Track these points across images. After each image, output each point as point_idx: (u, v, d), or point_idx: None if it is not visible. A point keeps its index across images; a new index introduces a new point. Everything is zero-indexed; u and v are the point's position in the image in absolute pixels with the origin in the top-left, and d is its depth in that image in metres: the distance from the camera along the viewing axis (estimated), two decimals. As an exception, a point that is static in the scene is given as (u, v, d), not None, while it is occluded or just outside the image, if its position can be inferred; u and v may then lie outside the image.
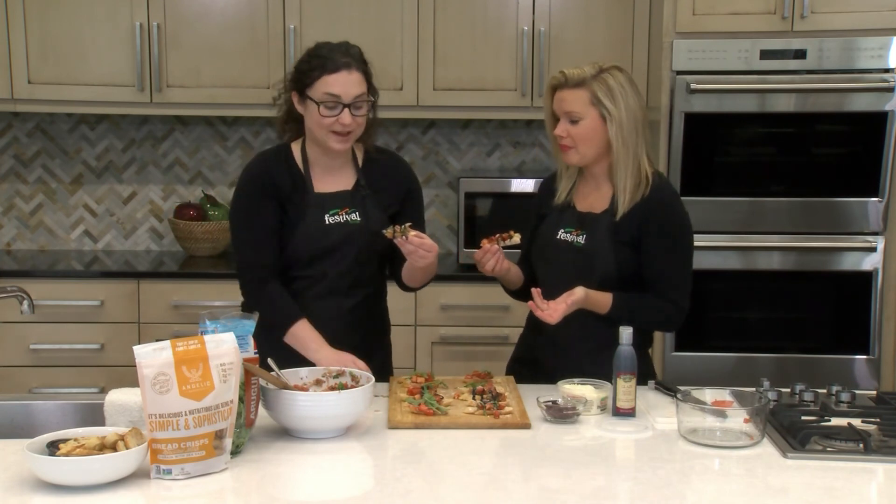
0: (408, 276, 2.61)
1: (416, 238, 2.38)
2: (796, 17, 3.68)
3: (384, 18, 4.01)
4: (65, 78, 4.02)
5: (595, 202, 2.58)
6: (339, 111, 2.45)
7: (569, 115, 2.50)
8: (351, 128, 2.47)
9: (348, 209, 2.56)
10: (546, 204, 2.66)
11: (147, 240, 4.47)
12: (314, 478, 1.97)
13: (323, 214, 2.54)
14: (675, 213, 2.56)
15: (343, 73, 2.45)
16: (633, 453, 2.12)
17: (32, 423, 2.35)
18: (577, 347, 2.55)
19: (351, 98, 2.45)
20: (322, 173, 2.58)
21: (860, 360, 3.79)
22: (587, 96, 2.48)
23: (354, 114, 2.46)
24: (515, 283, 2.65)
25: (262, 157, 2.65)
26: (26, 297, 2.53)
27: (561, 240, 2.58)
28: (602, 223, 2.54)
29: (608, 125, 2.48)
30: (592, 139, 2.50)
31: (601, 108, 2.48)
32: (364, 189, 2.59)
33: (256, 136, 4.41)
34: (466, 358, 3.82)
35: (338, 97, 2.44)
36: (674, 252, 2.54)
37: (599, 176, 2.59)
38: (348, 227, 2.55)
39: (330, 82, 2.45)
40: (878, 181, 3.71)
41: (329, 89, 2.44)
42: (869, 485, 1.95)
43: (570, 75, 2.50)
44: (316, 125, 2.49)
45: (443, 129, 4.43)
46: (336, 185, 2.59)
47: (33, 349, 3.87)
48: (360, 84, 2.48)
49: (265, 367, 2.14)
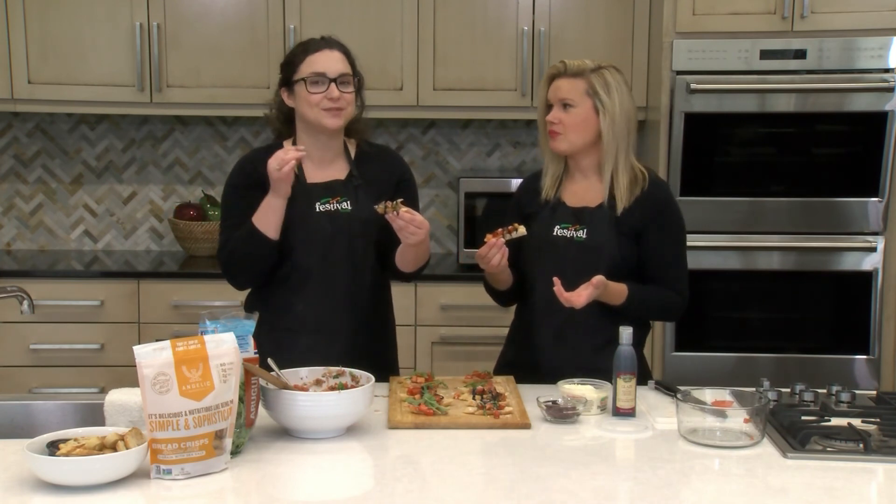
0: (400, 259, 2.61)
1: (407, 214, 2.39)
2: (796, 17, 3.68)
3: (384, 18, 4.01)
4: (65, 78, 4.02)
5: (587, 196, 2.60)
6: (326, 86, 2.51)
7: (563, 101, 2.55)
8: (341, 103, 2.52)
9: (339, 198, 2.58)
10: (531, 203, 2.67)
11: (147, 240, 4.48)
12: (314, 478, 1.97)
13: (313, 202, 2.57)
14: (676, 207, 2.65)
15: (325, 51, 2.55)
16: (633, 453, 2.12)
17: (32, 423, 2.35)
18: (582, 344, 2.56)
19: (336, 73, 2.52)
20: (314, 166, 2.60)
21: (860, 360, 3.79)
22: (584, 86, 2.54)
23: (342, 90, 2.52)
24: (506, 282, 2.65)
25: (253, 152, 2.74)
26: (26, 297, 2.53)
27: (559, 236, 2.58)
28: (601, 217, 2.56)
29: (600, 117, 2.54)
30: (582, 128, 2.55)
31: (596, 99, 2.53)
32: (356, 179, 2.60)
33: (256, 136, 4.41)
34: (466, 358, 3.82)
35: (322, 73, 2.52)
36: (677, 244, 2.62)
37: (587, 169, 2.61)
38: (339, 214, 2.57)
39: (313, 61, 2.54)
40: (878, 181, 3.71)
41: (313, 67, 2.53)
42: (869, 485, 1.95)
43: (570, 65, 2.57)
44: (306, 105, 2.53)
45: (443, 129, 4.43)
46: (328, 175, 2.61)
47: (33, 349, 3.87)
48: (342, 62, 2.56)
49: (265, 367, 2.14)
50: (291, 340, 2.54)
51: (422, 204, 4.40)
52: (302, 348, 2.51)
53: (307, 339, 2.56)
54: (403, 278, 2.69)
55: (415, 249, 2.53)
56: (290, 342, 2.53)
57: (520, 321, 2.73)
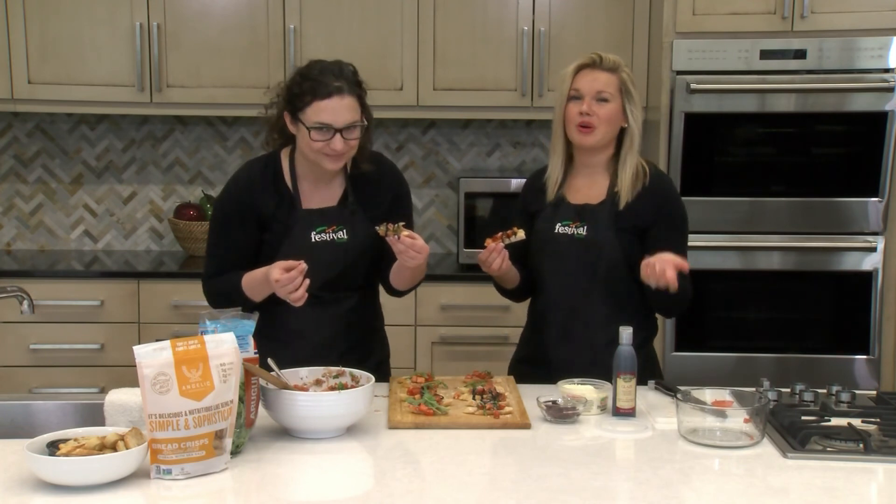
0: (395, 277, 2.59)
1: (408, 238, 2.37)
2: (796, 17, 3.68)
3: (384, 18, 4.01)
4: (65, 78, 4.02)
5: (590, 193, 2.61)
6: (330, 136, 2.40)
7: (600, 94, 2.54)
8: (342, 151, 2.43)
9: (335, 227, 2.53)
10: (535, 201, 2.67)
11: (147, 240, 4.47)
12: (314, 478, 1.97)
13: (309, 232, 2.52)
14: (680, 202, 2.66)
15: (335, 98, 2.40)
16: (633, 453, 2.12)
17: (32, 423, 2.35)
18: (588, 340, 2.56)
19: (343, 124, 2.40)
20: (310, 188, 2.56)
21: (860, 360, 3.79)
22: (617, 82, 2.56)
23: (346, 138, 2.42)
24: (514, 281, 2.65)
25: (248, 171, 2.60)
26: (26, 297, 2.53)
27: (560, 233, 2.59)
28: (602, 213, 2.56)
29: (628, 114, 2.56)
30: (613, 123, 2.57)
31: (626, 97, 2.56)
32: (352, 204, 2.56)
33: (256, 136, 4.40)
34: (466, 358, 3.82)
35: (329, 125, 2.40)
36: (683, 239, 2.62)
37: (597, 167, 2.62)
38: (334, 245, 2.53)
39: (321, 109, 2.39)
40: (878, 181, 3.71)
41: (320, 117, 2.39)
42: (869, 485, 1.95)
43: (607, 59, 2.57)
44: (307, 148, 2.45)
45: (443, 129, 4.43)
46: (324, 200, 2.56)
47: (33, 349, 3.87)
48: (352, 109, 2.42)
49: (265, 367, 2.14)
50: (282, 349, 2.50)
51: (422, 204, 4.42)
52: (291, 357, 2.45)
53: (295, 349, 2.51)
54: (397, 294, 2.68)
55: (412, 270, 2.53)
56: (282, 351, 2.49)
57: (531, 317, 2.74)
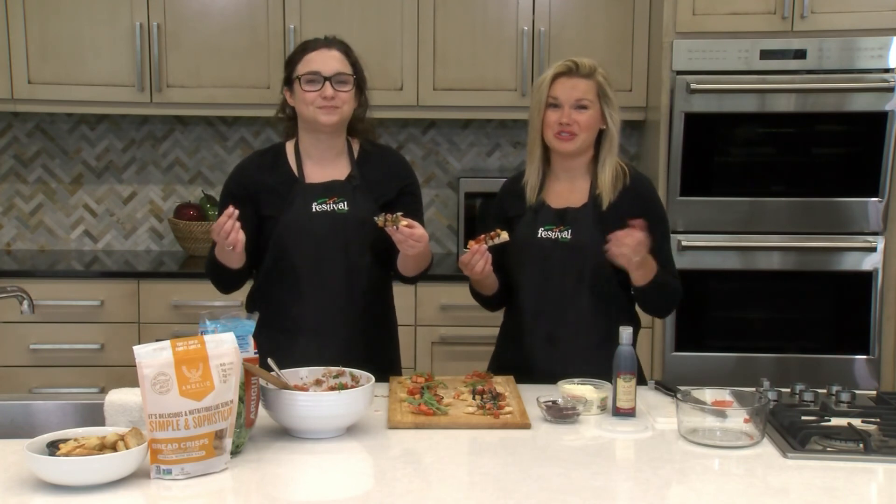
0: (402, 265, 2.62)
1: (406, 228, 2.38)
2: (796, 17, 3.68)
3: (384, 18, 4.01)
4: (65, 78, 4.02)
5: (571, 197, 2.60)
6: (320, 84, 2.51)
7: (578, 102, 2.53)
8: (335, 102, 2.51)
9: (336, 198, 2.57)
10: (514, 206, 2.64)
11: (147, 240, 4.48)
12: (314, 478, 1.97)
13: (310, 203, 2.56)
14: (660, 199, 2.68)
15: (322, 50, 2.56)
16: (633, 453, 2.12)
17: (32, 423, 2.35)
18: (575, 345, 2.56)
19: (331, 72, 2.52)
20: (315, 165, 2.61)
21: (860, 360, 3.79)
22: (595, 88, 2.55)
23: (337, 88, 2.52)
24: (492, 287, 2.64)
25: (251, 156, 2.73)
26: (26, 297, 2.53)
27: (543, 238, 2.57)
28: (585, 215, 2.56)
29: (607, 117, 2.55)
30: (593, 129, 2.56)
31: (604, 101, 2.55)
32: (356, 180, 2.60)
33: (256, 136, 4.41)
34: (466, 358, 3.81)
35: (317, 72, 2.52)
36: (666, 236, 2.63)
37: (576, 170, 2.61)
38: (335, 215, 2.56)
39: (309, 59, 2.54)
40: (878, 181, 3.71)
41: (309, 66, 2.53)
42: (869, 485, 1.95)
43: (582, 64, 2.55)
44: (302, 104, 2.54)
45: (443, 129, 4.43)
46: (328, 175, 2.60)
47: (33, 349, 3.87)
48: (339, 60, 2.55)
49: (265, 367, 2.14)
50: (289, 342, 2.54)
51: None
52: (300, 350, 2.50)
53: (304, 340, 2.56)
54: (407, 281, 2.71)
55: (415, 259, 2.54)
56: (288, 344, 2.53)
57: (509, 324, 2.72)
